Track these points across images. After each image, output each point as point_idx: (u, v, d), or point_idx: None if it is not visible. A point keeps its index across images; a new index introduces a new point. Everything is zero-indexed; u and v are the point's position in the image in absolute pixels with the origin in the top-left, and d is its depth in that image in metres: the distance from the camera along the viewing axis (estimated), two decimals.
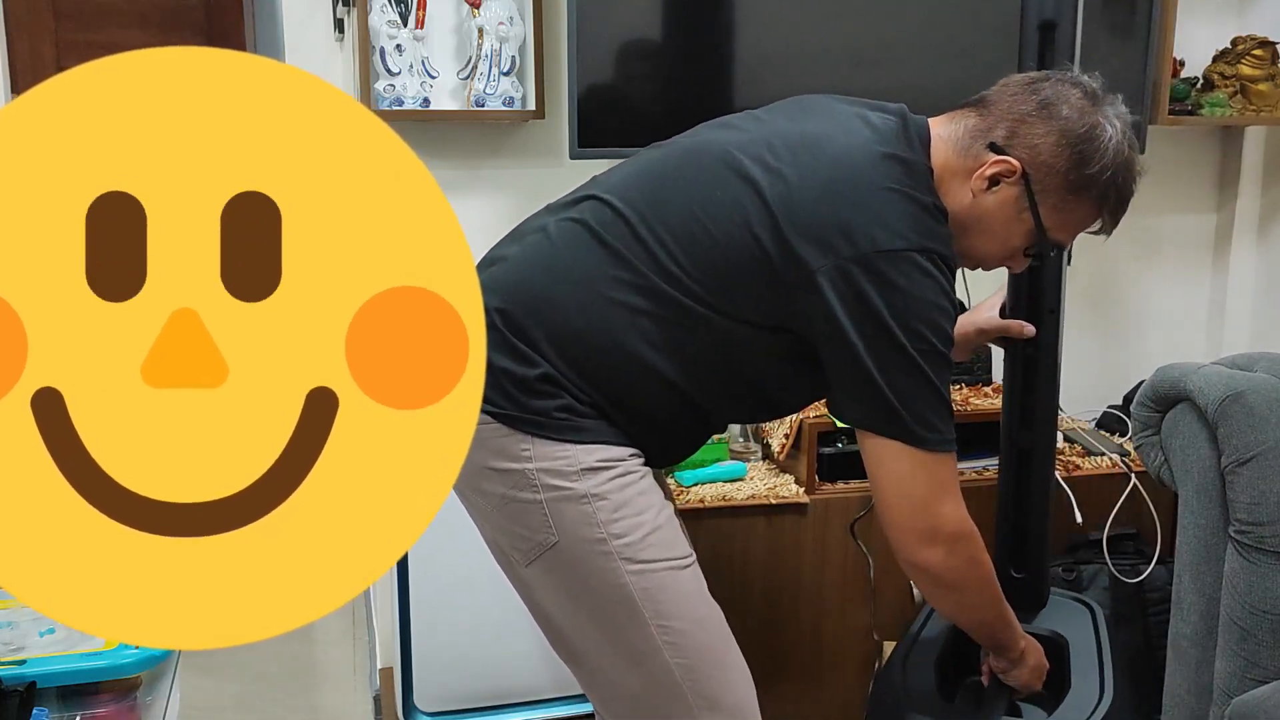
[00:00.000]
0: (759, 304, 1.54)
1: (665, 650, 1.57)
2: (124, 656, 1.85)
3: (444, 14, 2.59)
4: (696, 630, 1.60)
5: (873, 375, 1.51)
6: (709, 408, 1.63)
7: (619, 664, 1.60)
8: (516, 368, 1.53)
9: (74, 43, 4.18)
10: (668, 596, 1.57)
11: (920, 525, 1.59)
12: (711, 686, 1.61)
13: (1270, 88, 2.92)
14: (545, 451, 1.53)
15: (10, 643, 1.89)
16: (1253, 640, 1.96)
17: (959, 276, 1.55)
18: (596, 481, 1.53)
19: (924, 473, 1.56)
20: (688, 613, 1.59)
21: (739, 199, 1.53)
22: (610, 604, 1.56)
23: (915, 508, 1.58)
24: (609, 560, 1.54)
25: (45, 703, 1.80)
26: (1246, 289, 3.20)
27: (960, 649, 2.03)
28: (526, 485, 1.54)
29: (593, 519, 1.53)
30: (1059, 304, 1.95)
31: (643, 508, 1.56)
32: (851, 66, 2.58)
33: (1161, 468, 2.16)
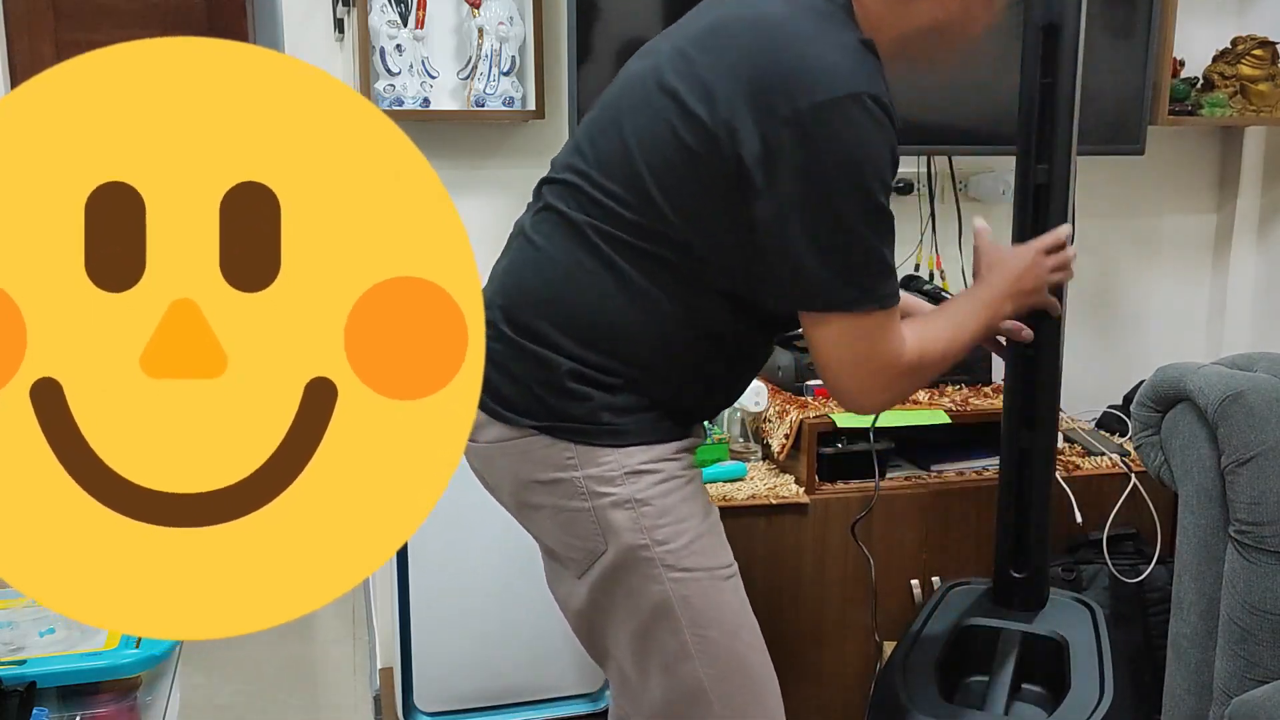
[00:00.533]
0: (721, 217, 1.49)
1: (697, 658, 1.56)
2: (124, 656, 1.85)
3: (444, 14, 2.59)
4: (730, 641, 1.58)
5: (811, 246, 1.45)
6: (731, 333, 1.60)
7: (650, 668, 1.58)
8: (540, 372, 1.53)
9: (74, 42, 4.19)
10: (705, 605, 1.56)
11: (871, 384, 1.54)
12: (740, 699, 1.59)
13: (1270, 88, 2.92)
14: (590, 457, 1.52)
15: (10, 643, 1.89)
16: (1253, 640, 1.96)
17: (960, 272, 1.54)
18: (640, 486, 1.52)
19: (865, 338, 1.51)
20: (724, 623, 1.58)
21: (664, 115, 1.50)
22: (647, 609, 1.55)
23: (863, 371, 1.53)
24: (650, 566, 1.53)
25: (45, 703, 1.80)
26: (1246, 289, 3.20)
27: (960, 649, 2.03)
28: (575, 494, 1.53)
29: (637, 524, 1.52)
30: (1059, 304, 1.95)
31: (686, 515, 1.55)
32: None
33: (1161, 468, 2.16)
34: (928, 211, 2.90)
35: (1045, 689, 1.98)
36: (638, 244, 1.52)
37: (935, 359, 1.60)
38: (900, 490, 2.48)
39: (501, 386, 1.54)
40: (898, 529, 2.48)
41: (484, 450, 1.59)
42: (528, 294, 1.57)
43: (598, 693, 2.65)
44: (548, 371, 1.53)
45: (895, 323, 1.52)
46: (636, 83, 1.58)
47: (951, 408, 2.50)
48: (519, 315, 1.56)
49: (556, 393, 1.52)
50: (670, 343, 1.55)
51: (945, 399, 2.55)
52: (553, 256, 1.57)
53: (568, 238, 1.56)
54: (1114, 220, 3.11)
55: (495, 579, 2.52)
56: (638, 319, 1.53)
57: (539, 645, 2.58)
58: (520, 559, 2.51)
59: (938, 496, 2.50)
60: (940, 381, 2.62)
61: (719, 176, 1.47)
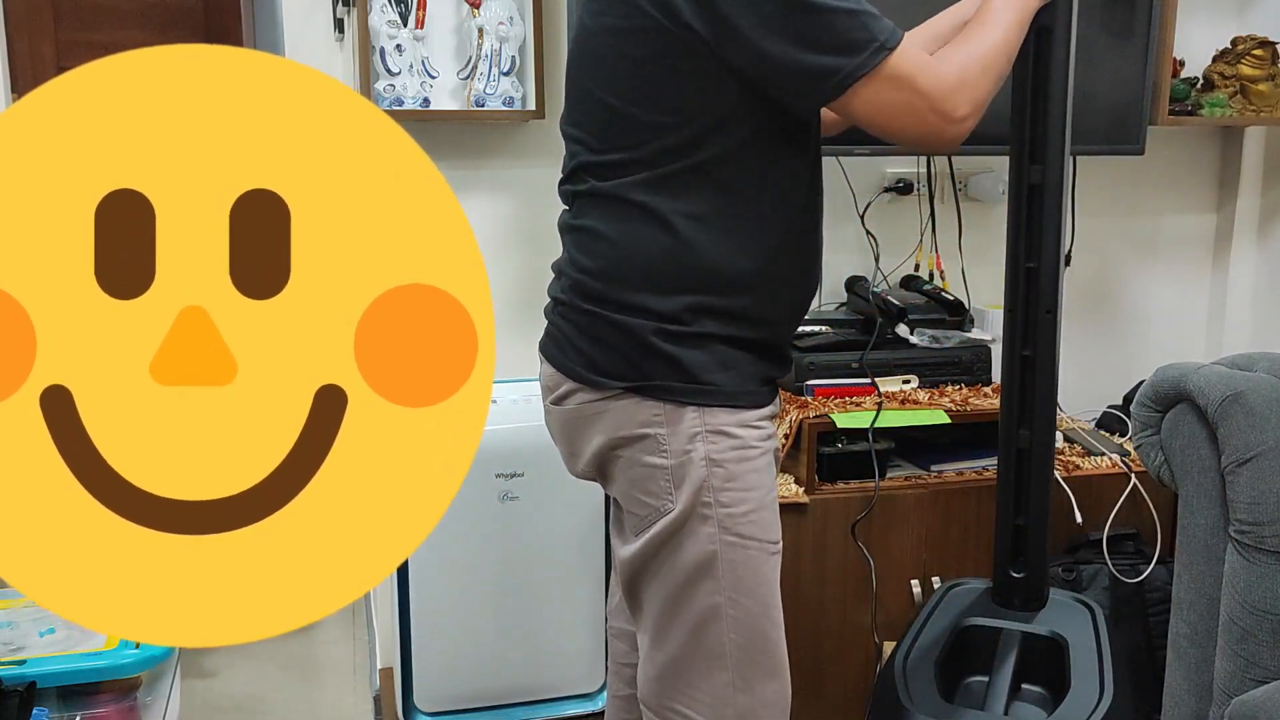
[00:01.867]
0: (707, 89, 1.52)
1: (726, 622, 1.60)
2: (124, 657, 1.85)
3: (444, 14, 2.59)
4: (762, 615, 1.62)
5: (793, 48, 1.47)
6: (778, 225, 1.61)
7: (678, 623, 1.62)
8: (626, 337, 1.57)
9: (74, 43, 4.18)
10: (748, 574, 1.60)
11: (936, 119, 1.54)
12: (753, 672, 1.63)
13: (1270, 88, 2.92)
14: (676, 416, 1.56)
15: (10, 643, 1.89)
16: (1253, 640, 1.96)
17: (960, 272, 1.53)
18: (718, 448, 1.57)
19: (898, 87, 1.50)
20: (760, 596, 1.61)
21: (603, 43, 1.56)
22: (693, 564, 1.59)
23: (920, 116, 1.53)
24: (707, 524, 1.57)
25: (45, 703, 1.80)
26: (1246, 289, 3.20)
27: (960, 649, 2.04)
28: (656, 450, 1.58)
29: (707, 483, 1.56)
30: (1056, 304, 1.95)
31: (753, 485, 1.59)
32: None
33: (1161, 468, 2.16)
34: (927, 212, 2.90)
35: (1045, 689, 1.99)
36: (658, 174, 1.54)
37: (976, 62, 1.58)
38: (900, 490, 2.49)
39: (593, 354, 1.59)
40: (898, 529, 2.48)
41: (572, 413, 1.64)
42: (591, 271, 1.60)
43: (596, 693, 2.65)
44: (633, 335, 1.57)
45: (914, 53, 1.52)
46: (574, 46, 1.65)
47: (951, 408, 2.50)
48: (591, 289, 1.59)
49: (645, 353, 1.57)
50: (732, 251, 1.57)
51: (945, 399, 2.55)
52: (601, 231, 1.60)
53: (605, 207, 1.59)
54: (1114, 220, 3.11)
55: (495, 579, 2.53)
56: (701, 247, 1.55)
57: (539, 645, 2.58)
58: (520, 559, 2.51)
59: (938, 496, 2.50)
60: (940, 381, 2.62)
61: (681, 60, 1.50)
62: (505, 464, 2.45)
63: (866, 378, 2.56)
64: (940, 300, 2.76)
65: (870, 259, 2.87)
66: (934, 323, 2.74)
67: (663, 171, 1.54)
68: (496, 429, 2.40)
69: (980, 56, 1.58)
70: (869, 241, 2.86)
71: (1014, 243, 1.97)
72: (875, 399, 2.52)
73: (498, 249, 2.65)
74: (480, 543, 2.50)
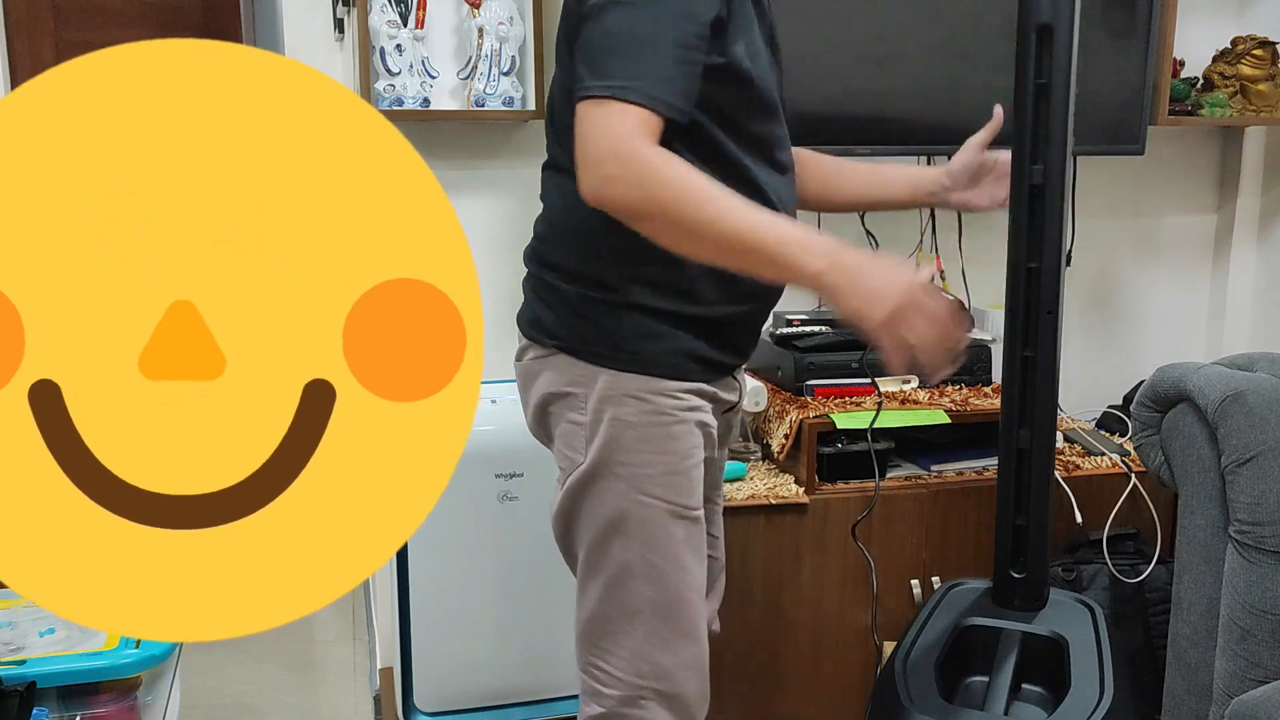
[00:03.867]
0: None
1: (639, 579, 1.63)
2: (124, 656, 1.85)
3: (444, 14, 2.59)
4: (675, 576, 1.64)
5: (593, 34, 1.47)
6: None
7: (596, 578, 1.66)
8: (562, 300, 1.65)
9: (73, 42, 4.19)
10: (660, 533, 1.63)
11: (592, 180, 1.44)
12: (666, 633, 1.65)
13: (1270, 88, 2.92)
14: (595, 377, 1.62)
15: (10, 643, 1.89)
16: (1253, 640, 1.96)
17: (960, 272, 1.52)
18: (628, 410, 1.61)
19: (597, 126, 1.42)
20: (674, 556, 1.64)
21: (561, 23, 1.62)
22: (606, 522, 1.63)
23: (588, 166, 1.44)
24: (619, 483, 1.61)
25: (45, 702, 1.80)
26: (1246, 289, 3.20)
27: (960, 649, 2.03)
28: (577, 408, 1.64)
29: (618, 442, 1.61)
30: (1057, 304, 1.95)
31: (667, 449, 1.62)
32: (851, 68, 2.58)
33: (1161, 468, 2.16)
34: (927, 212, 2.90)
35: (1045, 689, 1.98)
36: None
37: (696, 211, 1.42)
38: (900, 490, 2.48)
39: (539, 313, 1.68)
40: (898, 529, 2.48)
41: (523, 367, 1.73)
42: (540, 237, 1.71)
43: None
44: (566, 298, 1.64)
45: (647, 124, 1.42)
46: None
47: (951, 408, 2.50)
48: (539, 254, 1.70)
49: (574, 316, 1.63)
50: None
51: (945, 399, 2.55)
52: (549, 200, 1.70)
53: (553, 179, 1.69)
54: (1114, 220, 3.11)
55: (495, 579, 2.52)
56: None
57: (539, 645, 2.57)
58: (520, 559, 2.51)
59: (938, 496, 2.50)
60: (940, 381, 2.62)
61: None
62: (505, 464, 2.45)
63: (866, 378, 2.56)
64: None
65: None
66: None
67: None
68: (496, 429, 2.40)
69: (708, 215, 1.42)
70: (869, 242, 2.86)
71: (1015, 243, 1.97)
72: (875, 399, 2.52)
73: (498, 249, 2.65)
74: (480, 543, 2.49)
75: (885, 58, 2.59)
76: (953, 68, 2.62)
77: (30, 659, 1.83)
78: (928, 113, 2.64)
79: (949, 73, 2.62)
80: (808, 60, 2.55)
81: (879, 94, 2.61)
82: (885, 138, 2.63)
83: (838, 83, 2.58)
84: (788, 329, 2.62)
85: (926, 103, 2.63)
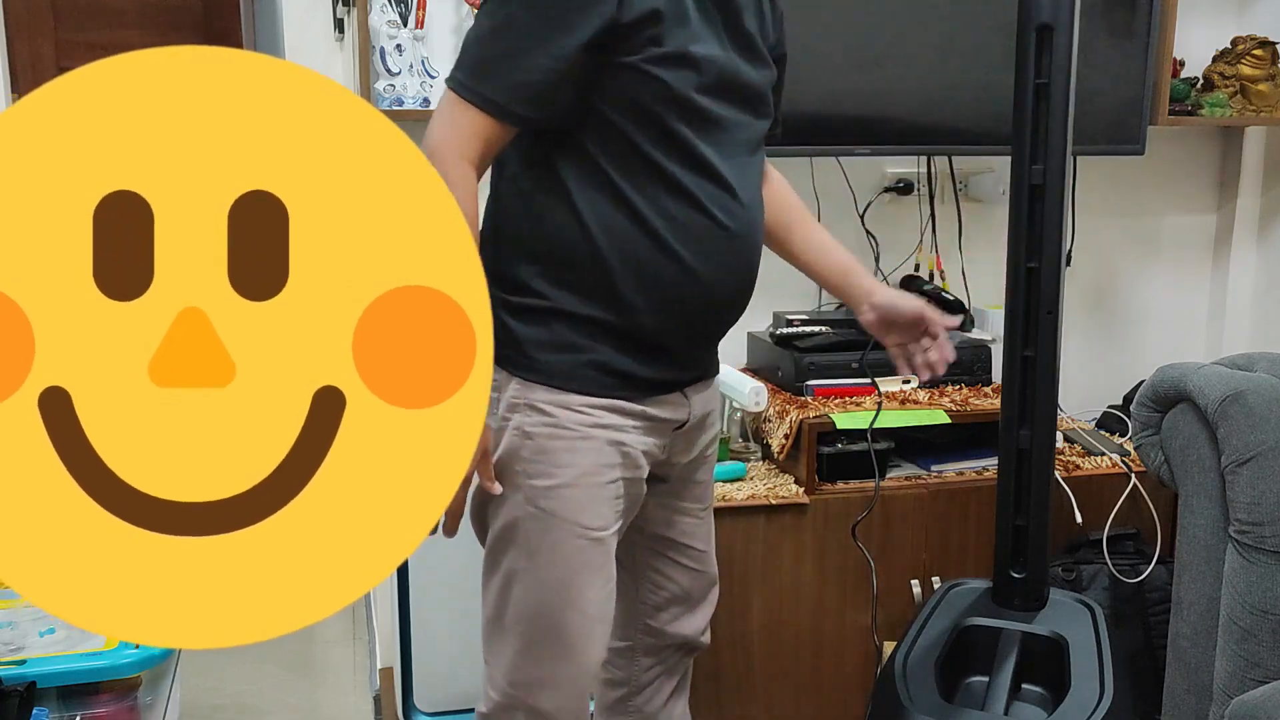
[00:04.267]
0: None
1: (521, 588, 1.62)
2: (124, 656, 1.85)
3: (444, 14, 2.59)
4: (557, 594, 1.62)
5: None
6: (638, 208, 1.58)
7: (489, 584, 1.68)
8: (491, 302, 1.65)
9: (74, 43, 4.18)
10: (549, 549, 1.60)
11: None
12: (541, 648, 1.64)
13: (1270, 88, 2.92)
14: (507, 384, 1.61)
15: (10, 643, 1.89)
16: (1252, 640, 1.96)
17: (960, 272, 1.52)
18: (530, 421, 1.59)
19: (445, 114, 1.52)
20: (560, 575, 1.61)
21: None
22: (501, 529, 1.63)
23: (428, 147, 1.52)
24: (516, 493, 1.61)
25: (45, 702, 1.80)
26: (1246, 289, 3.20)
27: (960, 649, 2.04)
28: (493, 413, 1.62)
29: (518, 452, 1.60)
30: (1057, 304, 1.95)
31: (563, 464, 1.60)
32: (851, 68, 2.58)
33: (1161, 468, 2.16)
34: (927, 212, 2.90)
35: (1045, 689, 1.99)
36: (526, 144, 1.58)
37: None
38: (900, 490, 2.48)
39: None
40: (898, 529, 2.48)
41: None
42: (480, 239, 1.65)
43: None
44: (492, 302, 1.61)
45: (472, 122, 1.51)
46: None
47: (951, 407, 2.50)
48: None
49: (497, 321, 1.60)
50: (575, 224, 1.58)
51: (945, 399, 2.55)
52: (488, 205, 1.68)
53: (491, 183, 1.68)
54: (1114, 220, 3.11)
55: None
56: (550, 221, 1.58)
57: None
58: None
59: (938, 496, 2.50)
60: (940, 382, 2.62)
61: None
62: None
63: (866, 378, 2.56)
64: (940, 300, 2.76)
65: (870, 259, 2.87)
66: None
67: (529, 143, 1.57)
68: None
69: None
70: (869, 241, 2.86)
71: (1015, 243, 1.97)
72: (875, 399, 2.52)
73: None
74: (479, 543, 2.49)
75: (886, 58, 2.59)
76: (953, 68, 2.62)
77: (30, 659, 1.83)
78: (928, 113, 2.64)
79: (949, 73, 2.62)
80: (805, 62, 2.55)
81: (879, 94, 2.61)
82: (886, 138, 2.63)
83: (838, 82, 2.58)
84: (788, 329, 2.62)
85: (927, 103, 2.63)
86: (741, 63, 1.63)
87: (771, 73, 1.72)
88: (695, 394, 1.74)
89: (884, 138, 2.63)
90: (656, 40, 1.51)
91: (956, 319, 1.74)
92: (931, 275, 2.90)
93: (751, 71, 1.65)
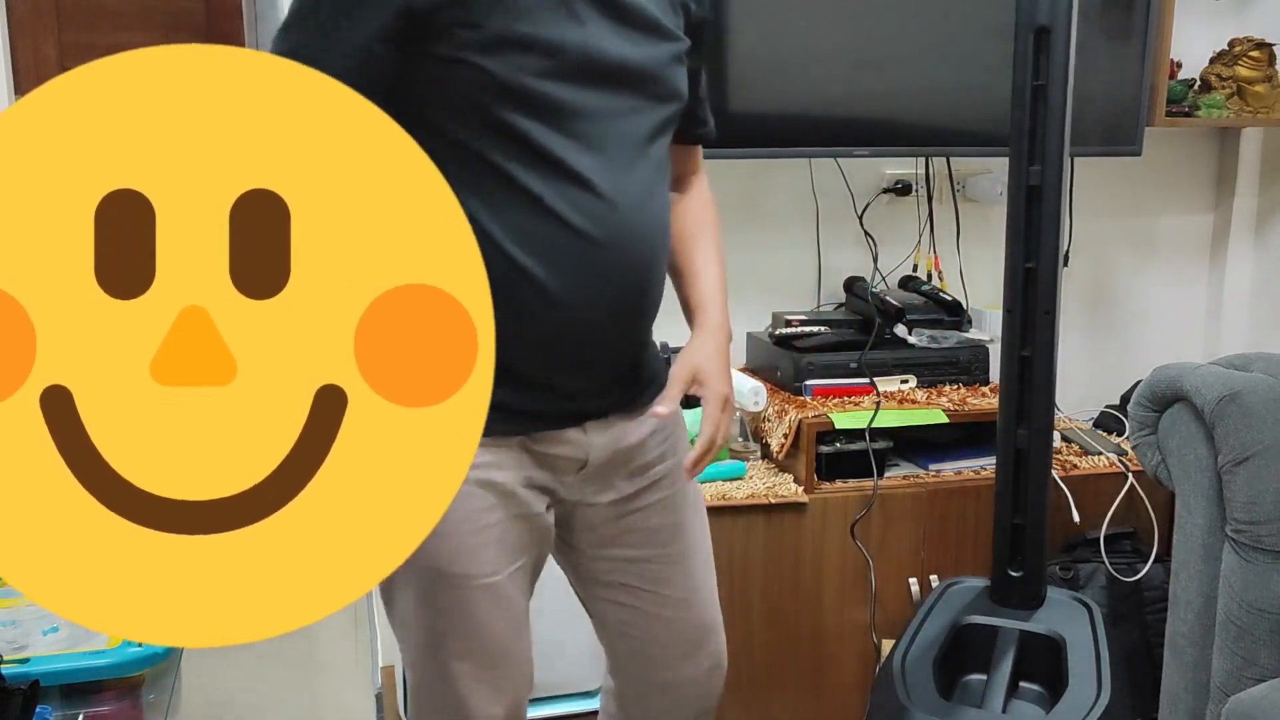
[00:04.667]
0: None
1: (404, 629, 1.55)
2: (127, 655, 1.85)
3: None
4: (427, 639, 1.52)
5: None
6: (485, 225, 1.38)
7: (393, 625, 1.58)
8: None
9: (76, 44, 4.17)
10: (415, 595, 1.50)
11: None
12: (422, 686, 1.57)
13: (1267, 89, 2.93)
14: None
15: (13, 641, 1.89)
16: (1249, 638, 1.97)
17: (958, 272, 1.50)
18: None
19: None
20: (425, 621, 1.50)
21: None
22: (387, 582, 1.53)
23: None
24: None
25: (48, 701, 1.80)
26: (1243, 289, 3.21)
27: (959, 647, 2.04)
28: None
29: None
30: (1054, 305, 1.96)
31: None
32: (850, 70, 2.59)
33: (1159, 467, 2.17)
34: (926, 212, 2.91)
35: (1043, 687, 1.99)
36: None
37: None
38: (899, 489, 2.49)
39: None
40: (896, 528, 2.49)
41: None
42: None
43: (596, 691, 2.65)
44: None
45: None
46: None
47: (949, 407, 2.51)
48: None
49: None
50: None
51: (943, 399, 2.56)
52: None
53: None
54: (1111, 221, 3.12)
55: None
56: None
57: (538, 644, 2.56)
58: None
59: (936, 495, 2.51)
60: (938, 381, 2.62)
61: None
62: None
63: (865, 378, 2.56)
64: (938, 300, 2.77)
65: (869, 259, 2.87)
66: (932, 323, 2.74)
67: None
68: None
69: None
70: (867, 242, 2.87)
71: (1013, 243, 1.98)
72: (874, 399, 2.53)
73: None
74: None
75: (885, 59, 2.60)
76: (952, 69, 2.63)
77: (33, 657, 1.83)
78: (927, 114, 2.64)
79: (948, 74, 2.63)
80: (803, 62, 2.55)
81: (878, 95, 2.62)
82: (884, 139, 2.64)
83: (837, 84, 2.59)
84: (786, 329, 2.62)
85: (925, 104, 2.64)
86: (613, 39, 1.39)
87: (670, 47, 1.46)
88: (600, 431, 1.53)
89: (883, 139, 2.64)
90: (467, 24, 1.32)
91: (663, 409, 1.50)
92: (930, 276, 2.90)
93: (628, 48, 1.40)
